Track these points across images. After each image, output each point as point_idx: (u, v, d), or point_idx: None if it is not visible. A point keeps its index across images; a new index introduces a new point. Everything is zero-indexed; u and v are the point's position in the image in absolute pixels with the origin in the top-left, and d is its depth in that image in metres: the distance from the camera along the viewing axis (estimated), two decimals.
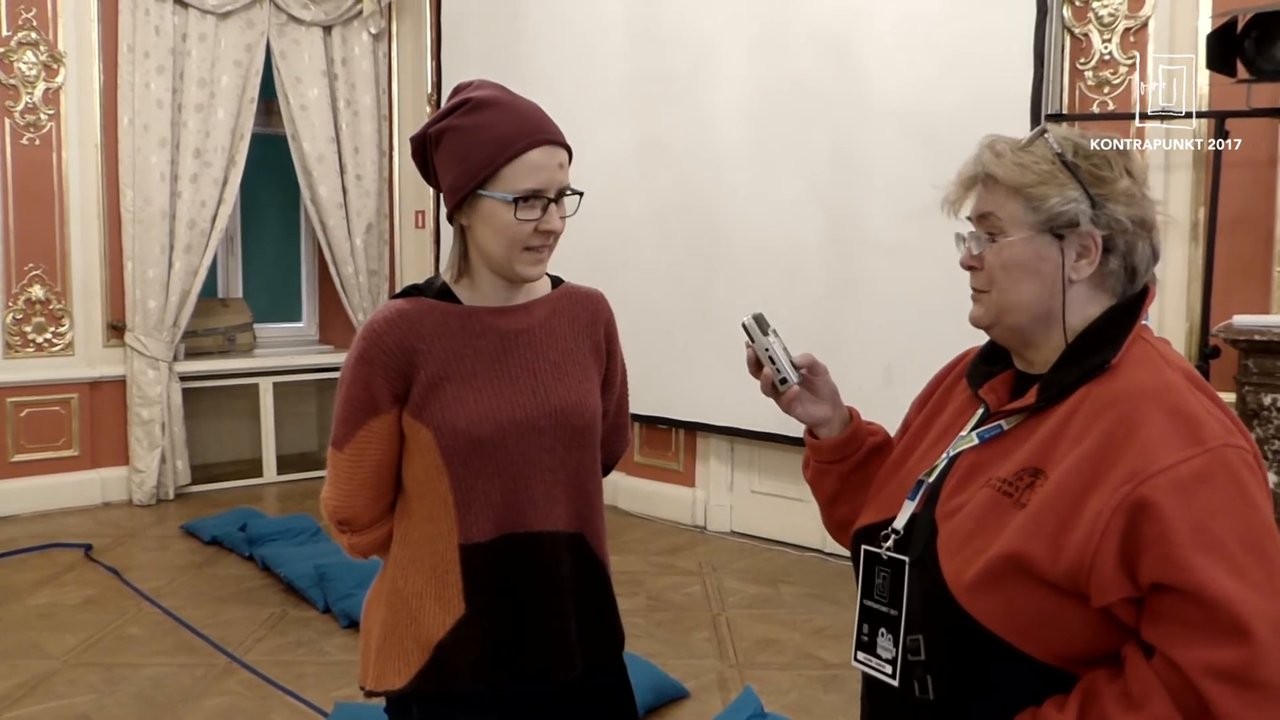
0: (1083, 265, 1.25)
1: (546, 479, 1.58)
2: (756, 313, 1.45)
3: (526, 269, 1.55)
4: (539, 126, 1.52)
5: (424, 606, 1.58)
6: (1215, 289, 3.62)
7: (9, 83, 5.26)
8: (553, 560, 1.59)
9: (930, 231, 3.81)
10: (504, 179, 1.50)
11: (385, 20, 6.34)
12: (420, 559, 1.59)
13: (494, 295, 1.61)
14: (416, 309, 1.57)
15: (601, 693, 1.69)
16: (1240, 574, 1.08)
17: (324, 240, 6.18)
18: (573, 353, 1.65)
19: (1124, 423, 1.15)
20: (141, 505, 5.57)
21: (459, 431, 1.53)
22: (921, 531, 1.29)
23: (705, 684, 3.42)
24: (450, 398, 1.54)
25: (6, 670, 3.47)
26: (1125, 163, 1.26)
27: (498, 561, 1.56)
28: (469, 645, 1.56)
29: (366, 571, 4.11)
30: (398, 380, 1.54)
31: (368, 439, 1.56)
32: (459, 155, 1.52)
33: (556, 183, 1.52)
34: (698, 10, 4.93)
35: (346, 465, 1.58)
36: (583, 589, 1.63)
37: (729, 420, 4.86)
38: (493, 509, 1.55)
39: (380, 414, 1.55)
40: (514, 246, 1.52)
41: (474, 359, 1.56)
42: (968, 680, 1.22)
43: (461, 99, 1.55)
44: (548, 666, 1.59)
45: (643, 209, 5.17)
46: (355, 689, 3.34)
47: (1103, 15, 3.95)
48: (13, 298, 5.35)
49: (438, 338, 1.55)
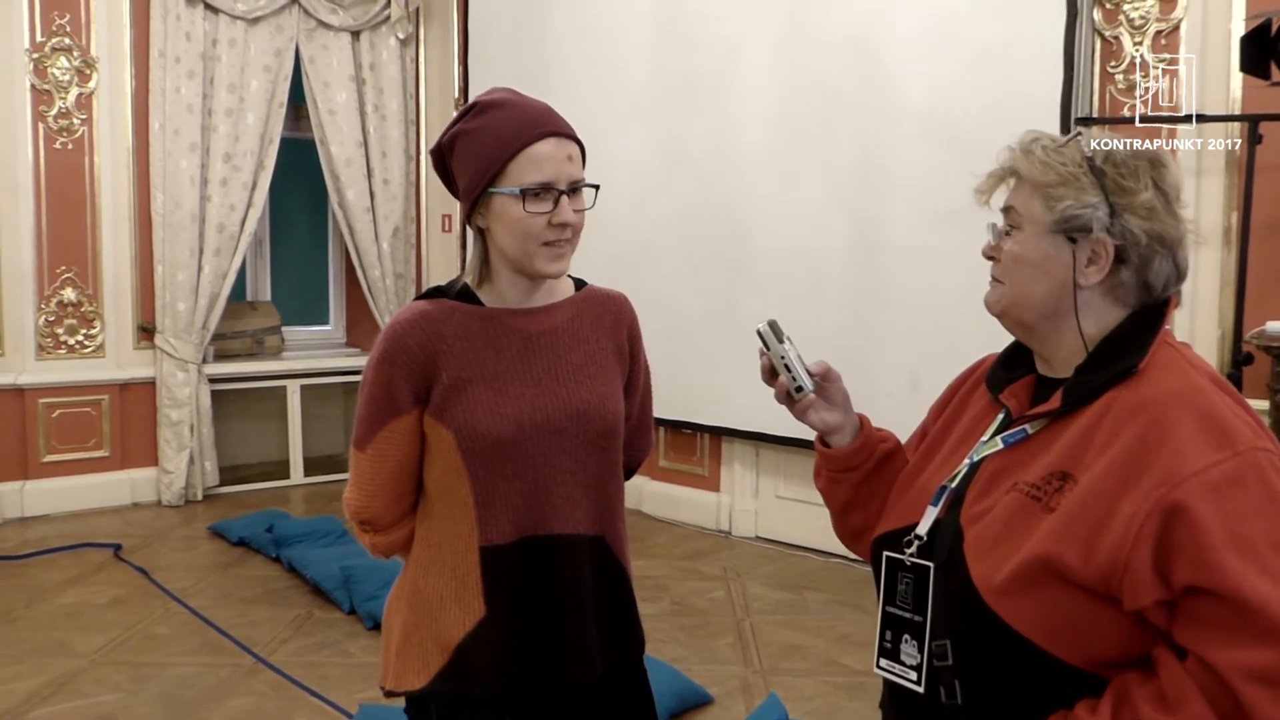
0: (1091, 272, 1.25)
1: (567, 481, 1.58)
2: (771, 320, 1.44)
3: (546, 265, 1.54)
4: (543, 120, 1.53)
5: (444, 607, 1.58)
6: (1248, 295, 3.57)
7: (43, 88, 5.33)
8: (573, 563, 1.58)
9: (955, 236, 3.81)
10: (511, 174, 1.50)
11: (413, 25, 6.38)
12: (441, 560, 1.59)
13: (516, 298, 1.60)
14: (439, 310, 1.57)
15: (621, 696, 1.69)
16: (1274, 576, 1.08)
17: (351, 244, 6.22)
18: (595, 355, 1.64)
19: (1154, 427, 1.15)
20: (170, 506, 5.63)
21: (479, 433, 1.53)
22: (946, 537, 1.29)
23: (729, 690, 3.40)
24: (471, 399, 1.53)
25: (35, 668, 3.51)
26: (1155, 175, 1.25)
27: (518, 564, 1.56)
28: (489, 647, 1.56)
29: (391, 573, 4.11)
30: (419, 381, 1.54)
31: (389, 439, 1.56)
32: (469, 157, 1.53)
33: (566, 175, 1.51)
34: (722, 14, 4.92)
35: (368, 465, 1.59)
36: (603, 592, 1.63)
37: (754, 425, 4.84)
38: (513, 511, 1.55)
39: (402, 414, 1.55)
40: (530, 241, 1.52)
41: (495, 361, 1.56)
42: (997, 685, 1.21)
43: (470, 104, 1.57)
44: (567, 669, 1.58)
45: (666, 213, 5.16)
46: (379, 691, 3.35)
47: (1134, 18, 3.91)
48: (45, 300, 5.42)
49: (459, 339, 1.55)
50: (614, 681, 1.65)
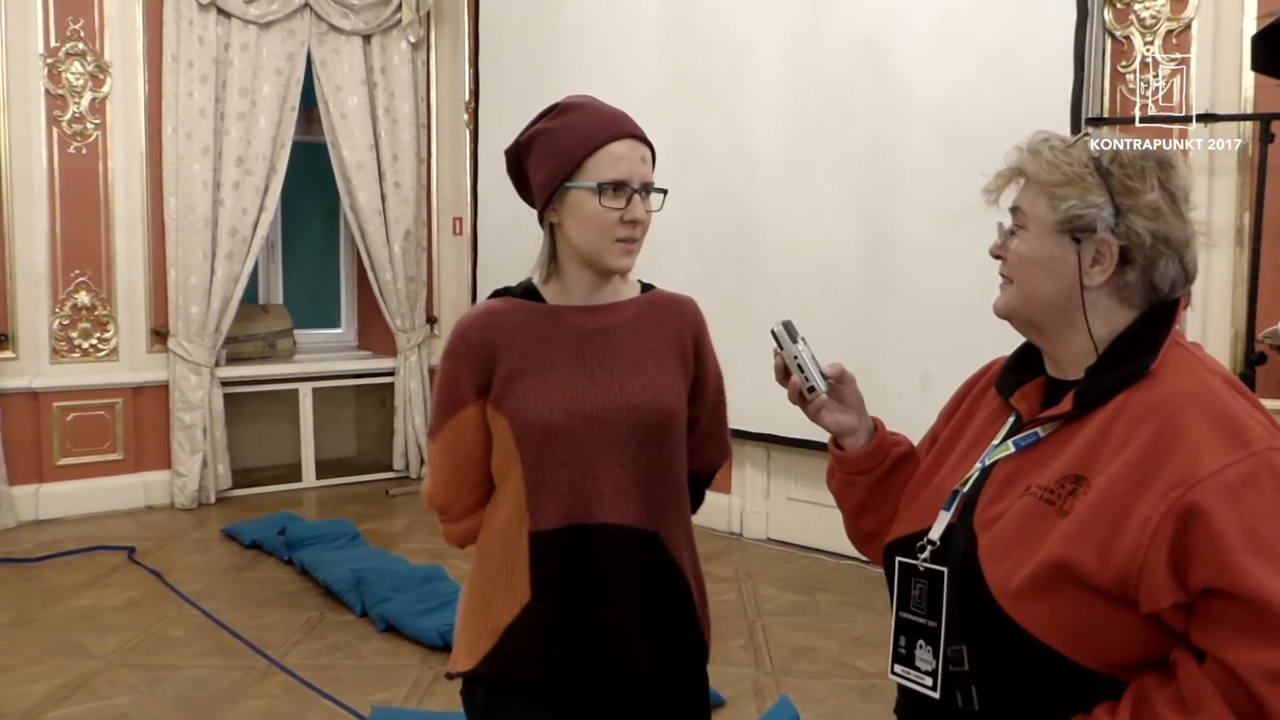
0: (1095, 272, 1.25)
1: (616, 473, 1.60)
2: (786, 320, 1.45)
3: (616, 260, 1.60)
4: (621, 122, 1.62)
5: (495, 591, 1.64)
6: (1260, 294, 3.55)
7: (57, 92, 5.36)
8: (616, 553, 1.59)
9: (967, 235, 3.80)
10: (589, 170, 1.57)
11: (424, 29, 6.39)
12: (495, 546, 1.65)
13: (581, 295, 1.65)
14: (503, 306, 1.64)
15: (668, 696, 1.69)
16: None
17: (363, 247, 6.24)
18: (655, 353, 1.67)
19: (1169, 428, 1.15)
20: (183, 509, 5.65)
21: (530, 420, 1.58)
22: (959, 542, 1.28)
23: (741, 692, 3.40)
24: (526, 388, 1.59)
25: (50, 670, 3.53)
26: (1162, 176, 1.24)
27: (563, 550, 1.58)
28: (532, 632, 1.59)
29: (402, 577, 4.15)
30: (480, 373, 1.61)
31: (456, 429, 1.64)
32: (547, 153, 1.60)
33: (640, 175, 1.59)
34: (733, 14, 4.92)
35: (438, 454, 1.67)
36: (653, 589, 1.63)
37: (765, 427, 4.83)
38: (560, 498, 1.58)
39: (466, 405, 1.62)
40: (604, 236, 1.58)
41: (552, 353, 1.61)
42: (1013, 689, 1.21)
43: (550, 106, 1.65)
44: (605, 661, 1.59)
45: (677, 213, 5.09)
46: (391, 693, 3.37)
47: (1144, 17, 3.90)
48: (59, 304, 5.45)
49: (519, 333, 1.61)
50: (665, 679, 1.66)
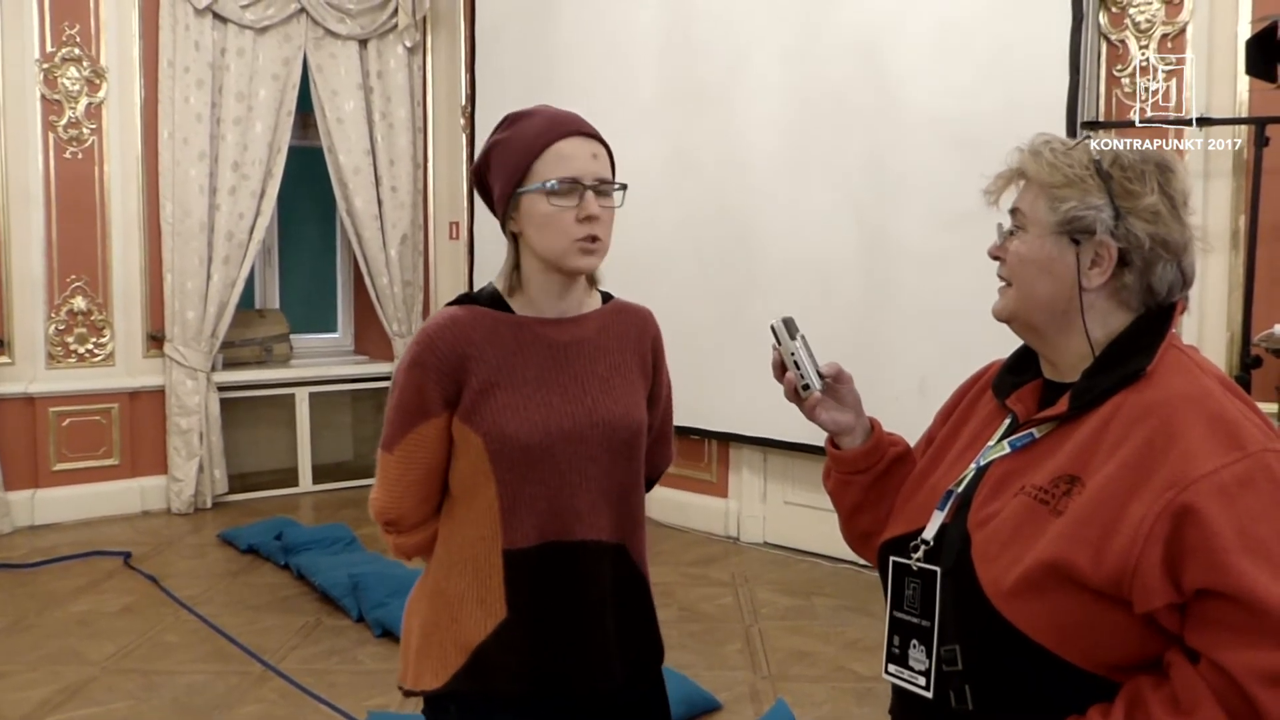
0: (1094, 274, 1.25)
1: (591, 489, 1.60)
2: (786, 316, 1.44)
3: (577, 260, 1.56)
4: (568, 121, 1.58)
5: (465, 609, 1.60)
6: (1256, 297, 3.56)
7: (53, 98, 5.36)
8: (595, 569, 1.60)
9: (965, 241, 3.81)
10: (537, 172, 1.55)
11: (420, 33, 6.40)
12: (463, 561, 1.61)
13: (546, 305, 1.63)
14: (468, 315, 1.59)
15: (638, 704, 1.70)
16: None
17: (359, 252, 6.24)
18: (621, 367, 1.66)
19: (1164, 429, 1.15)
20: (179, 514, 5.64)
21: (508, 438, 1.55)
22: (953, 541, 1.28)
23: (737, 696, 3.40)
24: (500, 404, 1.56)
25: (47, 676, 3.52)
26: (1162, 180, 1.25)
27: (540, 568, 1.57)
28: (509, 648, 1.58)
29: (399, 581, 4.13)
30: (449, 384, 1.56)
31: (418, 442, 1.58)
32: (500, 164, 1.58)
33: (591, 172, 1.55)
34: (731, 20, 4.93)
35: (396, 467, 1.61)
36: (623, 600, 1.64)
37: (762, 431, 4.84)
38: (537, 516, 1.57)
39: (431, 418, 1.57)
40: (561, 237, 1.54)
41: (524, 367, 1.58)
42: (1006, 689, 1.21)
43: (503, 118, 1.62)
44: (586, 675, 1.60)
45: (675, 219, 5.17)
46: (388, 698, 3.36)
47: (1140, 21, 3.91)
48: (55, 309, 5.44)
49: (488, 344, 1.57)
50: (633, 689, 1.67)
